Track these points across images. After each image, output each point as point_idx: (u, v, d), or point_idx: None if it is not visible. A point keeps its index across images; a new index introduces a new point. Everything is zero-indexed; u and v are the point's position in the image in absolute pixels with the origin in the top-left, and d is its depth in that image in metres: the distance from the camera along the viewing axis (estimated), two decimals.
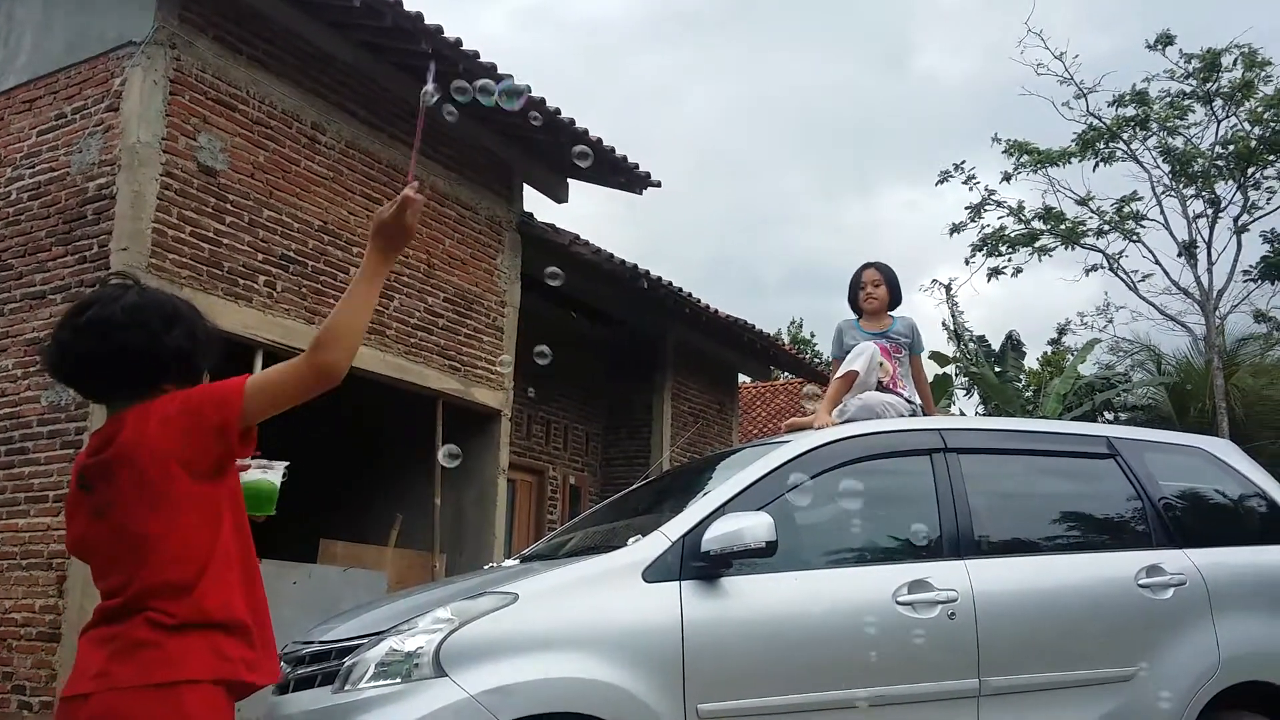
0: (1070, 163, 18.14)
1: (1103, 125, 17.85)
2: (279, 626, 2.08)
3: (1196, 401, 17.61)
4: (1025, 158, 18.27)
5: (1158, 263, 18.40)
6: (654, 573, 3.25)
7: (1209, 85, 17.25)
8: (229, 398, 1.87)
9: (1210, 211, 17.66)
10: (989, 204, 18.98)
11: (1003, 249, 19.05)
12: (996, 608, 3.58)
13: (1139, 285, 18.43)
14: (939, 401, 16.25)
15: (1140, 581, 3.82)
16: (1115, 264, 18.54)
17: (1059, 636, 3.69)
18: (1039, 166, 18.26)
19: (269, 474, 2.37)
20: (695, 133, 62.48)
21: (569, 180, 9.93)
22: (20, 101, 7.18)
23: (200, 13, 6.91)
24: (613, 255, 10.25)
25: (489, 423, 9.09)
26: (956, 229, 19.31)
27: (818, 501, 3.73)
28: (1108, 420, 18.46)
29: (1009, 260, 19.14)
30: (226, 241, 6.94)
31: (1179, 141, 17.64)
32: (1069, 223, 18.55)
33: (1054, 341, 23.44)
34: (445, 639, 2.99)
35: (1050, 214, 18.68)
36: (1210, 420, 16.06)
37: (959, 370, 20.12)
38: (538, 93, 8.49)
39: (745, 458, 3.91)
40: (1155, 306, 18.38)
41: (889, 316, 4.89)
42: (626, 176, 9.92)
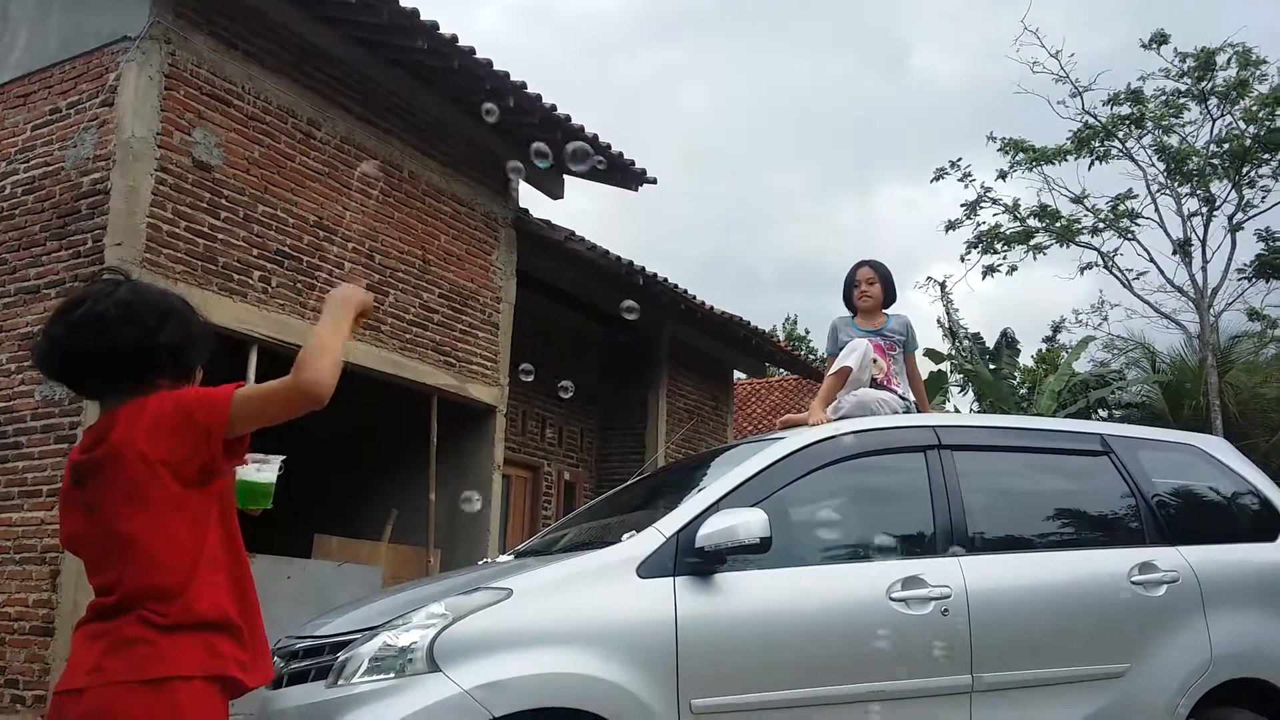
0: (1065, 161, 18.15)
1: (1098, 123, 17.86)
2: (273, 621, 2.08)
3: (1190, 399, 17.65)
4: (1021, 156, 18.27)
5: (1152, 261, 18.48)
6: (648, 568, 3.25)
7: (1204, 84, 17.26)
8: (218, 403, 1.86)
9: (1205, 210, 17.69)
10: (985, 201, 19.00)
11: (998, 246, 19.05)
12: (990, 604, 3.58)
13: (1133, 283, 18.46)
14: (934, 399, 16.25)
15: (1133, 578, 3.84)
16: (1110, 262, 18.57)
17: (1052, 633, 3.70)
18: (1034, 164, 18.26)
19: (264, 469, 2.37)
20: (692, 131, 62.47)
21: (564, 177, 9.92)
22: (15, 96, 7.17)
23: (195, 8, 6.89)
24: (608, 251, 10.25)
25: (484, 418, 9.09)
26: (952, 226, 19.33)
27: (812, 498, 3.74)
28: (1102, 418, 18.46)
29: (1004, 258, 19.16)
30: (221, 237, 6.93)
31: (1174, 140, 17.68)
32: (1064, 220, 18.55)
33: (1048, 339, 23.44)
34: (439, 634, 2.99)
35: (1045, 212, 18.69)
36: (1204, 418, 16.09)
37: (954, 367, 20.09)
38: (532, 89, 8.49)
39: (740, 454, 3.91)
40: (1150, 304, 18.43)
41: (884, 314, 4.92)
42: (623, 173, 9.91)
